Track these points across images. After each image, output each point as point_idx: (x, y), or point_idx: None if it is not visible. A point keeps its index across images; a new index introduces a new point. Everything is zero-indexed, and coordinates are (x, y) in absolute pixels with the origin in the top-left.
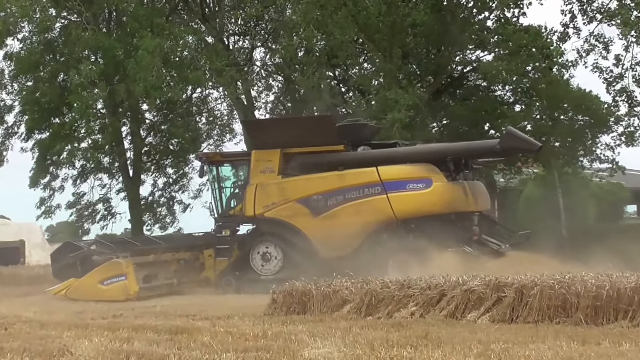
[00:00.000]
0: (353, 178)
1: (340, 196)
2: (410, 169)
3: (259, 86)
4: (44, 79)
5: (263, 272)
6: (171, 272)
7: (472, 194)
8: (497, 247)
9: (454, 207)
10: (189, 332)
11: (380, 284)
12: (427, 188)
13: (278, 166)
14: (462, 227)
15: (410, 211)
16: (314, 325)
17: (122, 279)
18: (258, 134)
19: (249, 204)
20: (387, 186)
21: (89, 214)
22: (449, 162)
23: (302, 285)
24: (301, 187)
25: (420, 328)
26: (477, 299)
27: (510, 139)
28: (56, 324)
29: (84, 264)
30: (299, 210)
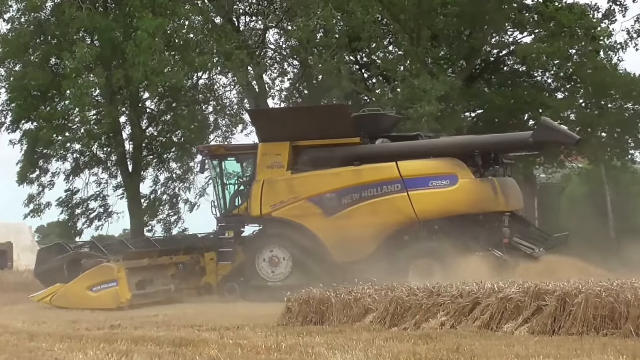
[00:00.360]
0: (370, 174)
1: (355, 194)
2: (434, 164)
3: (272, 71)
4: (34, 63)
5: (270, 277)
6: (168, 278)
7: (502, 192)
8: (530, 251)
9: (482, 206)
10: (195, 344)
11: (406, 291)
12: (452, 185)
13: (287, 161)
14: (491, 228)
15: (434, 211)
16: (333, 336)
17: (112, 285)
18: (265, 125)
19: (254, 202)
20: (408, 183)
21: (83, 213)
22: (477, 157)
23: (320, 292)
24: (312, 184)
25: (451, 340)
26: (515, 308)
27: (545, 131)
28: (47, 335)
29: (72, 268)
30: (310, 209)
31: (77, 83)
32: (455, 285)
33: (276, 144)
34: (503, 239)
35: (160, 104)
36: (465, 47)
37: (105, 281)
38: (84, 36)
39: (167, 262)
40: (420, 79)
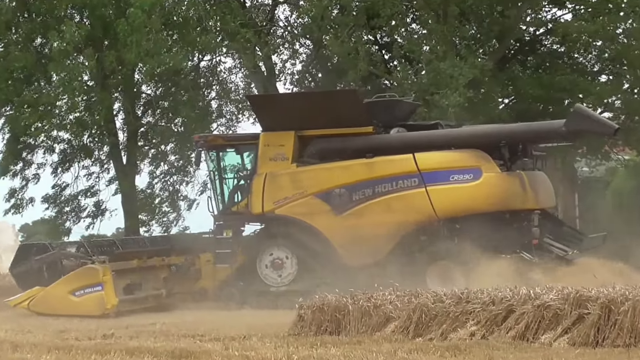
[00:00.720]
0: (384, 167)
1: (368, 189)
2: (455, 156)
3: (282, 53)
4: (17, 43)
5: (273, 282)
6: (160, 281)
7: (531, 188)
8: (563, 254)
9: (508, 203)
10: (196, 356)
11: (432, 297)
12: (475, 180)
13: (292, 152)
14: (519, 228)
15: (455, 208)
16: (350, 348)
17: (97, 289)
18: (267, 113)
19: (256, 198)
20: (426, 177)
21: (72, 210)
22: (503, 148)
23: (336, 298)
24: (320, 178)
25: (482, 352)
26: (553, 316)
27: (579, 120)
28: (32, 346)
29: (52, 269)
30: (318, 206)
31: (65, 66)
32: (487, 291)
33: (280, 133)
34: (532, 239)
35: (158, 89)
36: (497, 25)
37: (90, 285)
38: (73, 14)
39: (159, 264)
40: (446, 62)
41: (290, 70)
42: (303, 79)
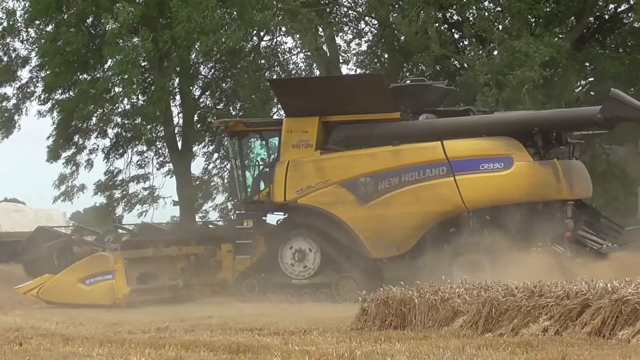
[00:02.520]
0: (411, 155)
1: (394, 178)
2: (486, 144)
3: (347, 33)
4: (68, 24)
5: (295, 274)
6: (176, 271)
7: (566, 178)
8: (598, 247)
9: (541, 194)
10: (255, 350)
11: (503, 291)
12: (506, 169)
13: (316, 139)
14: (552, 220)
15: (484, 199)
16: (416, 343)
17: (108, 277)
18: (290, 98)
19: (278, 187)
20: (455, 166)
21: (123, 197)
22: (536, 136)
23: (401, 292)
24: (345, 167)
25: (555, 349)
26: (632, 311)
27: (615, 106)
28: (84, 339)
29: (62, 256)
30: (342, 195)
31: (122, 49)
32: (561, 285)
33: (303, 119)
34: (565, 232)
35: (216, 70)
36: (576, 1)
37: (100, 273)
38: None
39: (176, 253)
40: (521, 41)
41: (355, 50)
42: (369, 61)
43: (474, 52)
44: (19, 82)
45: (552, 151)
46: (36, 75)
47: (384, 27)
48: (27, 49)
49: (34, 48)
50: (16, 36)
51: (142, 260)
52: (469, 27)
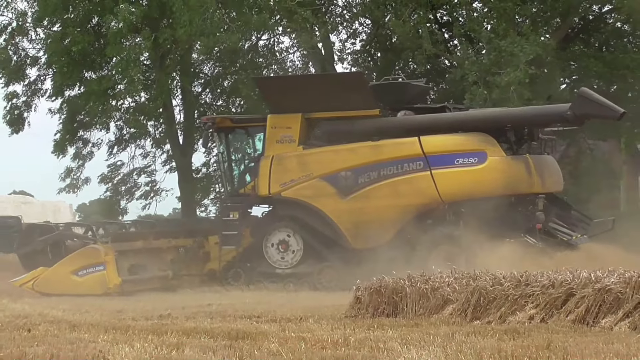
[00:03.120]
0: (390, 150)
1: (374, 172)
2: (461, 139)
3: (341, 32)
4: (74, 24)
5: (279, 264)
6: (166, 263)
7: (537, 172)
8: (568, 238)
9: (513, 187)
10: (253, 337)
11: (491, 280)
12: (480, 163)
13: (299, 134)
14: (524, 212)
15: (459, 192)
16: (407, 330)
17: (100, 269)
18: (274, 95)
19: (263, 180)
20: (432, 161)
21: (127, 190)
22: (509, 132)
23: (393, 281)
24: (326, 161)
25: (541, 336)
26: (614, 300)
27: (584, 103)
28: (90, 326)
29: (56, 250)
30: (324, 189)
31: (123, 48)
32: (547, 274)
33: (287, 115)
34: (537, 224)
35: (216, 69)
36: (560, 2)
37: (92, 265)
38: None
39: (165, 245)
40: (507, 40)
41: (350, 50)
42: (363, 60)
43: (463, 51)
44: (27, 80)
45: (525, 147)
46: (44, 74)
47: (377, 27)
48: (36, 48)
49: (42, 47)
50: (25, 36)
51: (132, 253)
52: (459, 27)
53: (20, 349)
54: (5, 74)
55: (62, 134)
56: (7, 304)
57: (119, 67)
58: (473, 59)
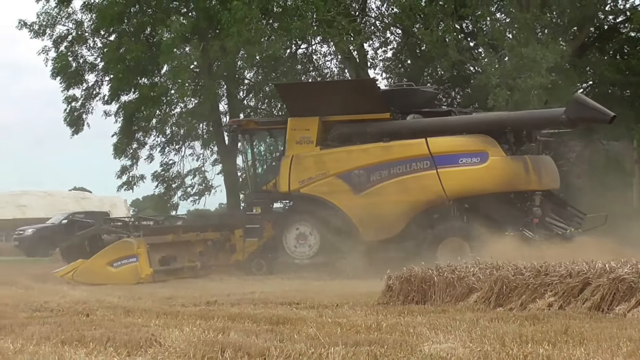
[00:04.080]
0: (399, 150)
1: (384, 171)
2: (464, 140)
3: (374, 41)
4: (129, 34)
5: (297, 255)
6: (195, 254)
7: (535, 170)
8: (562, 232)
9: (512, 185)
10: (292, 322)
11: (512, 270)
12: (482, 163)
13: (316, 136)
14: (522, 208)
15: (463, 189)
16: (435, 316)
17: (133, 260)
18: (294, 100)
19: (283, 178)
20: (437, 160)
21: (178, 187)
22: (509, 134)
23: (422, 270)
24: (341, 160)
25: (559, 322)
26: (627, 289)
27: (578, 108)
28: (143, 311)
29: (93, 243)
30: (339, 186)
31: (174, 57)
32: (564, 265)
33: (305, 119)
34: (534, 218)
35: (259, 75)
36: (577, 13)
37: (126, 256)
38: (179, 6)
39: (194, 238)
40: (529, 48)
41: (382, 57)
42: (394, 66)
43: (487, 58)
44: (86, 85)
45: (523, 147)
46: (101, 79)
47: (407, 36)
48: (93, 55)
49: (99, 55)
50: (84, 44)
51: (163, 245)
52: (483, 36)
53: (79, 332)
54: (66, 78)
55: (119, 137)
56: (67, 291)
57: (170, 75)
58: (496, 65)
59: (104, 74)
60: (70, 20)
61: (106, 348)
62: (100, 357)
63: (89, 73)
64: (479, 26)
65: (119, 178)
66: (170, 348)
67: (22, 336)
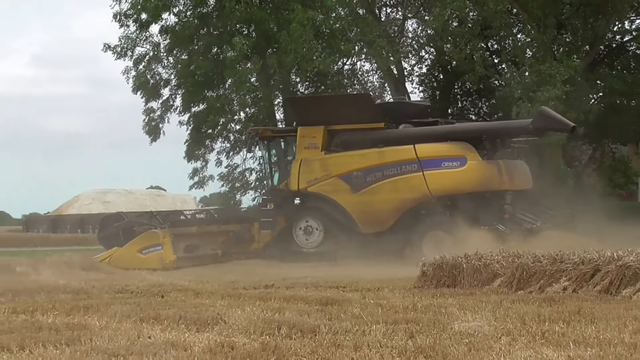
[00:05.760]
0: (391, 155)
1: (379, 173)
2: (446, 147)
3: (411, 58)
4: (199, 52)
5: (305, 245)
6: (217, 243)
7: (507, 173)
8: (530, 226)
9: (487, 185)
10: (339, 303)
11: (531, 258)
12: (461, 166)
13: (322, 142)
14: (496, 205)
15: (445, 189)
16: (464, 298)
17: (158, 248)
18: (303, 111)
19: (293, 178)
20: (424, 164)
21: (241, 186)
22: (485, 141)
23: (453, 258)
24: (342, 163)
25: (572, 303)
26: (633, 275)
27: (543, 119)
28: (210, 293)
29: (126, 234)
30: (340, 185)
31: (237, 71)
32: (577, 253)
33: (312, 127)
34: (505, 214)
35: (310, 88)
36: (589, 34)
37: (152, 245)
38: (242, 28)
39: (216, 230)
40: (546, 65)
41: (417, 72)
42: (428, 80)
43: (510, 73)
44: (162, 98)
45: (498, 153)
46: (174, 93)
47: (440, 54)
48: (168, 72)
49: (173, 72)
50: (160, 63)
51: (187, 235)
52: (506, 54)
53: (155, 311)
54: (145, 93)
55: (190, 143)
56: (145, 276)
57: (233, 87)
58: (518, 80)
59: (177, 88)
60: (148, 42)
61: (178, 325)
62: (173, 332)
63: (164, 88)
64: (502, 45)
65: (191, 179)
66: (234, 325)
67: (106, 314)
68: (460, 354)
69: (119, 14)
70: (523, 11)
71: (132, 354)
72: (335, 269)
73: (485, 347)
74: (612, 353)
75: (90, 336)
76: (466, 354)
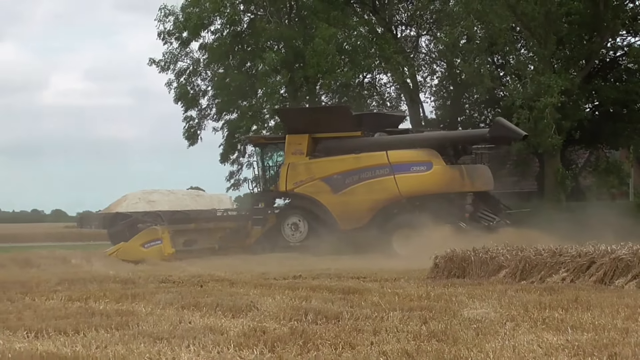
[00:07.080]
0: (367, 160)
1: (356, 176)
2: (415, 153)
3: (424, 71)
4: (233, 67)
5: (291, 239)
6: (215, 238)
7: (469, 176)
8: (488, 224)
9: (451, 187)
10: (360, 292)
11: (533, 251)
12: (427, 170)
13: (307, 149)
14: (459, 205)
15: (414, 190)
16: (472, 288)
17: (158, 242)
18: (290, 121)
19: (282, 181)
20: (395, 168)
21: None
22: (448, 148)
23: (462, 251)
24: (324, 167)
25: (570, 292)
26: (625, 266)
27: (498, 128)
28: (244, 283)
29: (131, 230)
30: (322, 187)
31: (267, 83)
32: (575, 247)
33: (299, 135)
34: (466, 213)
35: (333, 99)
36: (585, 50)
37: (153, 240)
38: (272, 44)
39: (214, 226)
40: (545, 76)
41: (430, 84)
42: (439, 91)
43: (513, 84)
44: (199, 107)
45: (460, 158)
46: (211, 103)
47: (450, 68)
48: (206, 85)
49: (210, 84)
50: (198, 76)
51: (186, 231)
52: (510, 67)
53: (195, 299)
54: (185, 103)
55: (225, 147)
56: (185, 267)
57: (264, 97)
58: (520, 90)
59: (213, 99)
60: (189, 58)
61: (216, 312)
62: (211, 318)
63: (202, 98)
64: (507, 59)
65: (227, 181)
66: (265, 312)
67: (151, 302)
68: (469, 338)
69: (163, 33)
70: (526, 29)
71: (175, 337)
72: (356, 261)
73: (492, 331)
74: (606, 337)
75: (137, 321)
76: (474, 338)
